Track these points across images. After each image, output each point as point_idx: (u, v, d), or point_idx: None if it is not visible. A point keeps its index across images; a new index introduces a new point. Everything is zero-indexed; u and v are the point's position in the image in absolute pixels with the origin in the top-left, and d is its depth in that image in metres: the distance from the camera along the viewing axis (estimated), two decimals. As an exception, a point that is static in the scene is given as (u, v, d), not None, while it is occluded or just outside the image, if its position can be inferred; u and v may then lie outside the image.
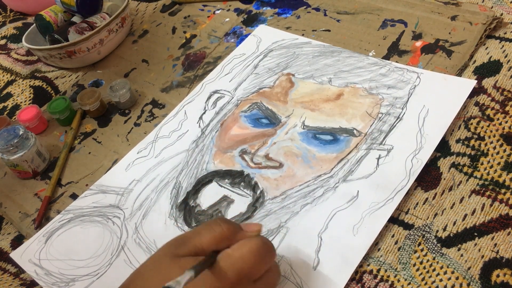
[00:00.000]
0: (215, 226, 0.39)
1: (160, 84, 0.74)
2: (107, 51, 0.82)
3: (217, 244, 0.38)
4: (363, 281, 0.45)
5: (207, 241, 0.38)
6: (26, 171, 0.64)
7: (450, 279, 0.44)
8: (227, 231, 0.39)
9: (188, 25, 0.83)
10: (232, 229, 0.39)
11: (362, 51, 0.67)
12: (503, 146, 0.52)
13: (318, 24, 0.74)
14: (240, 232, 0.40)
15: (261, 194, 0.53)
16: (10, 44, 0.91)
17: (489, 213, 0.47)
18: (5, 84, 0.82)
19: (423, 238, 0.47)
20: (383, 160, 0.53)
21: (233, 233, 0.39)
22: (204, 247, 0.38)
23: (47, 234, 0.56)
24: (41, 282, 0.52)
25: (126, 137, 0.67)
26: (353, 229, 0.48)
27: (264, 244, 0.39)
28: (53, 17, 0.83)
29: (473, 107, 0.56)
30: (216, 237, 0.38)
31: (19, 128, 0.63)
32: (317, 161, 0.55)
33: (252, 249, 0.37)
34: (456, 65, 0.61)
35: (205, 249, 0.38)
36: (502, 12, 0.67)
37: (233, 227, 0.40)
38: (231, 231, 0.39)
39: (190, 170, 0.58)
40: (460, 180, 0.51)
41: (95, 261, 0.52)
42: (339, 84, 0.62)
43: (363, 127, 0.57)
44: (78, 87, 0.78)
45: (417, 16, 0.70)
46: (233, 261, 0.37)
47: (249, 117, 0.62)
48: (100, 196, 0.59)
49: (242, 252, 0.37)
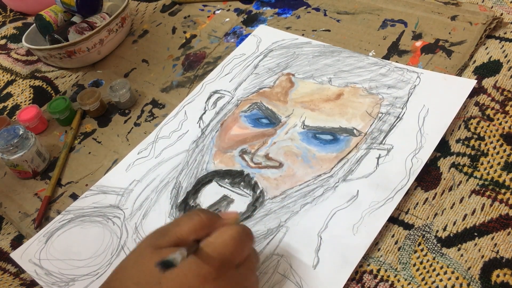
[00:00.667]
0: (194, 216, 0.40)
1: (160, 84, 0.74)
2: (107, 51, 0.82)
3: (197, 232, 0.39)
4: (363, 281, 0.45)
5: (187, 230, 0.39)
6: (26, 171, 0.64)
7: (450, 279, 0.44)
8: (205, 219, 0.39)
9: (188, 25, 0.83)
10: (210, 218, 0.40)
11: (362, 51, 0.67)
12: (503, 146, 0.52)
13: (318, 24, 0.74)
14: (218, 221, 0.41)
15: (261, 193, 0.53)
16: (10, 44, 0.91)
17: (489, 213, 0.47)
18: (5, 84, 0.82)
19: (423, 238, 0.47)
20: (383, 159, 0.53)
21: (211, 221, 0.40)
22: (185, 236, 0.39)
23: (47, 234, 0.56)
24: (41, 282, 0.52)
25: (126, 137, 0.67)
26: (353, 228, 0.48)
27: (243, 230, 0.40)
28: (53, 17, 0.83)
29: (473, 107, 0.56)
30: (195, 226, 0.39)
31: (19, 128, 0.63)
32: (317, 161, 0.55)
33: (233, 235, 0.38)
34: (456, 65, 0.61)
35: (185, 239, 0.39)
36: (502, 12, 0.67)
37: (211, 215, 0.40)
38: (209, 220, 0.40)
39: (190, 170, 0.58)
40: (460, 180, 0.51)
41: (95, 261, 0.52)
42: (339, 84, 0.62)
43: (363, 126, 0.57)
44: (78, 87, 0.79)
45: (417, 16, 0.70)
46: (215, 247, 0.37)
47: (249, 117, 0.62)
48: (101, 196, 0.59)
49: (223, 239, 0.38)
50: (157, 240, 0.39)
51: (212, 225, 0.40)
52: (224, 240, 0.38)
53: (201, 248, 0.37)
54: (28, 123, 0.69)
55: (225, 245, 0.38)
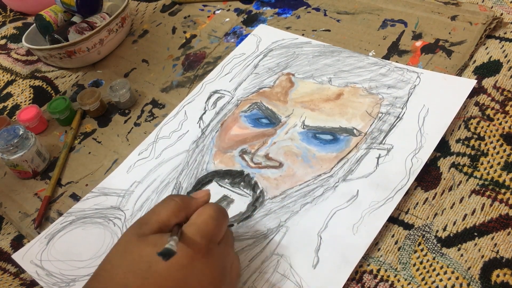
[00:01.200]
0: (169, 201, 0.42)
1: (160, 84, 0.74)
2: (107, 51, 0.82)
3: (176, 216, 0.41)
4: (363, 281, 0.45)
5: (166, 215, 0.41)
6: (26, 171, 0.64)
7: (450, 279, 0.44)
8: (180, 202, 0.42)
9: (188, 25, 0.83)
10: (184, 200, 0.43)
11: (362, 51, 0.67)
12: (503, 146, 0.52)
13: (318, 24, 0.74)
14: (192, 201, 0.43)
15: (261, 193, 0.53)
16: (10, 44, 0.91)
17: (489, 213, 0.47)
18: (5, 84, 0.82)
19: (423, 238, 0.47)
20: (383, 159, 0.53)
21: (186, 203, 0.42)
22: (165, 222, 0.41)
23: (49, 236, 0.56)
24: (41, 282, 0.52)
25: (126, 137, 0.67)
26: (352, 228, 0.48)
27: (218, 208, 0.43)
28: (53, 17, 0.83)
29: (473, 107, 0.56)
30: (173, 210, 0.41)
31: (19, 128, 0.63)
32: (317, 161, 0.55)
33: (211, 214, 0.41)
34: (456, 65, 0.61)
35: (166, 224, 0.41)
36: (502, 12, 0.67)
37: (185, 197, 0.43)
38: (184, 202, 0.42)
39: (190, 170, 0.58)
40: (460, 180, 0.51)
41: (96, 261, 0.52)
42: (339, 84, 0.62)
43: (363, 126, 0.57)
44: (78, 87, 0.79)
45: (417, 16, 0.70)
46: (197, 227, 0.40)
47: (249, 117, 0.62)
48: (102, 198, 0.59)
49: (203, 218, 0.41)
50: (140, 230, 0.40)
51: (188, 207, 0.42)
52: (205, 219, 0.40)
53: (185, 230, 0.40)
54: (28, 123, 0.69)
55: (206, 223, 0.40)
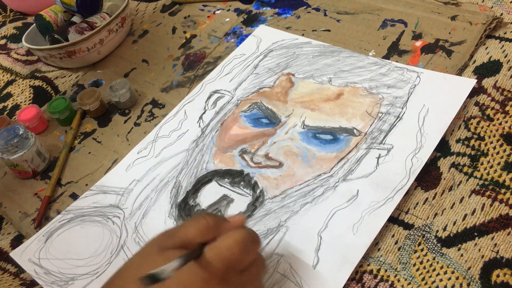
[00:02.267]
0: (200, 219, 0.40)
1: (160, 84, 0.74)
2: (107, 51, 0.82)
3: (202, 235, 0.39)
4: (363, 281, 0.45)
5: (193, 232, 0.39)
6: (26, 171, 0.64)
7: (450, 279, 0.44)
8: (211, 222, 0.39)
9: (188, 25, 0.83)
10: (217, 220, 0.40)
11: (362, 51, 0.67)
12: (503, 146, 0.52)
13: (318, 24, 0.74)
14: (225, 224, 0.41)
15: (260, 193, 0.53)
16: (10, 44, 0.91)
17: (489, 213, 0.47)
18: (5, 84, 0.82)
19: (423, 238, 0.47)
20: (383, 159, 0.53)
21: (218, 224, 0.40)
22: (190, 239, 0.38)
23: (47, 233, 0.56)
24: (40, 281, 0.52)
25: (126, 137, 0.67)
26: (353, 228, 0.48)
27: (249, 234, 0.39)
28: (53, 17, 0.83)
29: (473, 107, 0.56)
30: (201, 229, 0.39)
31: (19, 128, 0.63)
32: (317, 161, 0.55)
33: (238, 239, 0.38)
34: (456, 65, 0.61)
35: (191, 241, 0.38)
36: (502, 12, 0.67)
37: (218, 218, 0.40)
38: (215, 222, 0.40)
39: (190, 169, 0.58)
40: (460, 180, 0.50)
41: (95, 260, 0.52)
42: (339, 84, 0.62)
43: (363, 126, 0.57)
44: (78, 87, 0.79)
45: (417, 16, 0.70)
46: (219, 251, 0.37)
47: (249, 117, 0.62)
48: (101, 196, 0.59)
49: (228, 243, 0.38)
50: (163, 241, 0.39)
51: (219, 229, 0.39)
52: (229, 244, 0.37)
53: (206, 252, 0.37)
54: (28, 123, 0.69)
55: (230, 249, 0.37)
